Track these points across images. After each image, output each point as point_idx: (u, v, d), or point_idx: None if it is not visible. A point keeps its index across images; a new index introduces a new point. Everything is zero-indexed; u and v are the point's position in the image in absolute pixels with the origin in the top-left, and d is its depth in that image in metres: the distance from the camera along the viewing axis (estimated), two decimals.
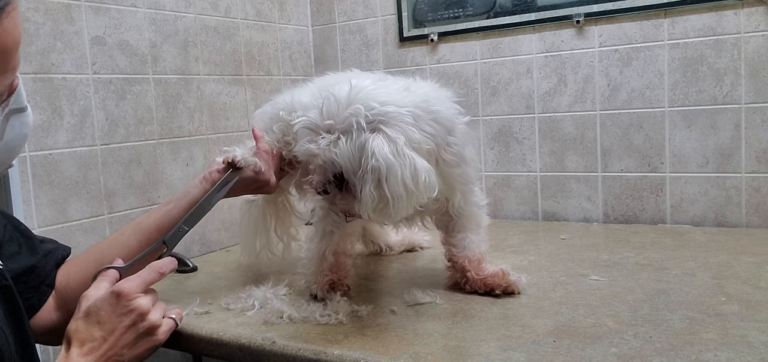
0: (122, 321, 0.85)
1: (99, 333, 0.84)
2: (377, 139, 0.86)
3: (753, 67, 1.41)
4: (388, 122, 0.88)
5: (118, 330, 0.84)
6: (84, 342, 0.83)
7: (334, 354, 0.85)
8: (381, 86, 0.93)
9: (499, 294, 1.04)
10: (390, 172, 0.84)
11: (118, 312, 0.85)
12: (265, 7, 1.81)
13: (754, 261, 1.16)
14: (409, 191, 0.86)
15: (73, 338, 0.83)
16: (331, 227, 1.07)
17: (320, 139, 0.89)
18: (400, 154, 0.86)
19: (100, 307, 0.85)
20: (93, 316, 0.85)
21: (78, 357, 0.82)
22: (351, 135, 0.87)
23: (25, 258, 0.93)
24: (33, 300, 0.94)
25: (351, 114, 0.88)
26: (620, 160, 1.57)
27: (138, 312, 0.86)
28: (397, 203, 0.86)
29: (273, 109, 1.20)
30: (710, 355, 0.77)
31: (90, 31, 1.35)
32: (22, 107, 0.78)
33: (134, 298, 0.86)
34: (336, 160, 0.88)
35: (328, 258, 1.08)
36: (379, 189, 0.85)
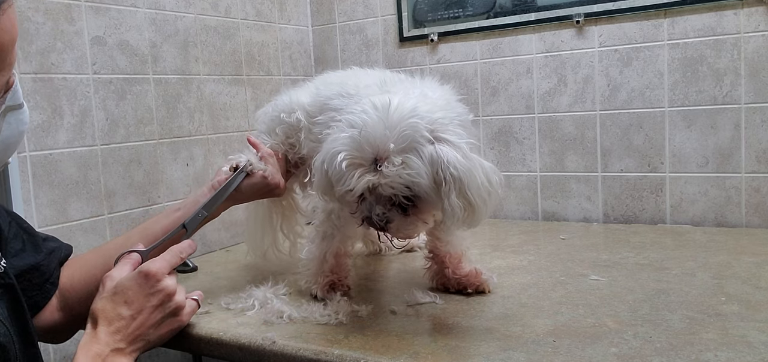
0: (150, 301, 0.86)
1: (127, 312, 0.85)
2: (445, 148, 0.83)
3: (753, 67, 1.41)
4: (445, 130, 0.85)
5: (146, 309, 0.86)
6: (112, 320, 0.84)
7: (334, 354, 0.85)
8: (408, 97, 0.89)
9: (470, 292, 1.05)
10: (470, 178, 0.83)
11: (146, 292, 0.86)
12: (265, 7, 1.81)
13: (754, 261, 1.16)
14: (489, 193, 0.85)
15: (99, 317, 0.84)
16: (333, 230, 1.07)
17: (385, 166, 0.83)
18: (470, 159, 0.84)
19: (128, 287, 0.86)
20: (120, 295, 0.86)
21: (106, 335, 0.83)
22: (418, 151, 0.83)
23: (29, 256, 0.93)
24: (37, 298, 0.94)
25: (409, 129, 0.83)
26: (620, 160, 1.57)
27: (165, 292, 0.88)
28: (483, 207, 0.84)
29: (274, 111, 1.20)
30: (710, 355, 0.77)
31: (90, 31, 1.35)
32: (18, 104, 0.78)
33: (161, 279, 0.88)
34: (412, 181, 0.83)
35: (329, 260, 1.08)
36: (463, 197, 0.83)
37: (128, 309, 0.85)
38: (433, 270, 1.10)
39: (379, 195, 0.86)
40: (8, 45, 0.69)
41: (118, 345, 0.83)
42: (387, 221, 0.88)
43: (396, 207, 0.87)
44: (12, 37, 0.70)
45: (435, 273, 1.10)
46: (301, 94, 1.17)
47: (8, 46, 0.69)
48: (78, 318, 1.00)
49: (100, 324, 0.84)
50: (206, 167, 1.61)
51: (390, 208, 0.87)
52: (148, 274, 0.87)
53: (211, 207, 1.04)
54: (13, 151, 0.82)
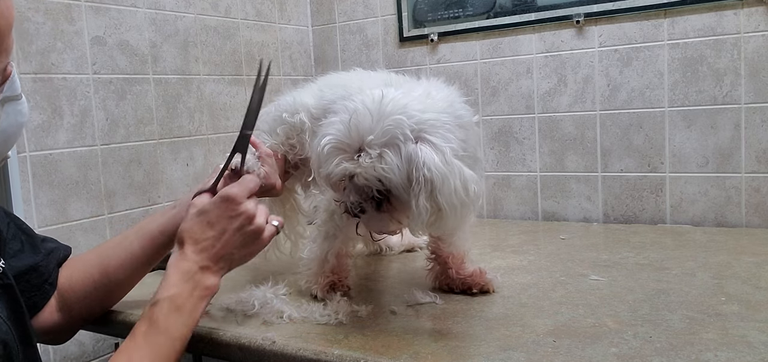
0: (232, 223, 0.90)
1: (211, 233, 0.89)
2: (425, 149, 0.82)
3: (753, 67, 1.41)
4: (431, 131, 0.84)
5: (229, 231, 0.89)
6: (198, 241, 0.88)
7: (334, 354, 0.85)
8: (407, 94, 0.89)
9: (475, 292, 1.05)
10: (443, 182, 0.81)
11: (228, 215, 0.90)
12: (265, 7, 1.81)
13: (754, 261, 1.15)
14: (462, 201, 0.83)
15: (186, 237, 0.89)
16: (334, 230, 1.07)
17: (362, 157, 0.84)
18: (449, 163, 0.83)
19: (210, 210, 0.90)
20: (204, 218, 0.90)
21: (193, 254, 0.88)
22: (396, 147, 0.83)
23: (27, 256, 0.93)
24: (35, 299, 0.94)
25: (392, 125, 0.83)
26: (620, 160, 1.57)
27: (246, 215, 0.90)
28: (451, 214, 0.83)
29: (276, 111, 1.20)
30: (710, 355, 0.77)
31: (90, 31, 1.35)
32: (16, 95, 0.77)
33: (242, 202, 0.90)
34: (384, 176, 0.83)
35: (330, 261, 1.08)
36: (432, 201, 0.82)
37: (212, 230, 0.89)
38: (436, 271, 1.10)
39: (355, 185, 0.87)
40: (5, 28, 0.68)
41: (205, 263, 0.88)
42: (360, 210, 0.89)
43: (371, 199, 0.88)
44: (8, 21, 0.69)
45: (438, 274, 1.10)
46: (304, 96, 1.17)
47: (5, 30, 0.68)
48: (77, 318, 1.00)
49: (187, 243, 0.88)
50: (206, 167, 1.61)
51: (365, 200, 0.88)
52: (229, 198, 0.90)
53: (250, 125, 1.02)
54: (13, 144, 0.82)
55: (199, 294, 0.87)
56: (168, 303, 0.84)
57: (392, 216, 0.89)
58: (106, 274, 0.99)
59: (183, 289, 0.85)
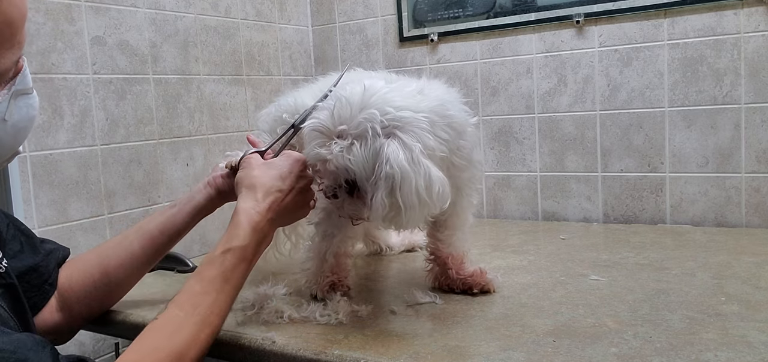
0: (299, 183, 0.93)
1: (283, 186, 0.92)
2: (392, 145, 0.84)
3: (753, 67, 1.41)
4: (404, 128, 0.85)
5: (296, 189, 0.93)
6: (270, 191, 0.91)
7: (334, 354, 0.85)
8: (395, 89, 0.90)
9: (476, 292, 1.05)
10: (404, 180, 0.82)
11: (298, 174, 0.93)
12: (265, 7, 1.81)
13: (754, 261, 1.16)
14: (423, 201, 0.84)
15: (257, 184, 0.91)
16: (333, 229, 1.07)
17: (333, 145, 0.87)
18: (415, 162, 0.83)
19: (282, 165, 0.94)
20: (276, 170, 0.93)
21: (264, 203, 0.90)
22: (365, 140, 0.85)
23: (27, 257, 0.93)
24: (36, 299, 0.94)
25: (365, 118, 0.85)
26: (620, 160, 1.57)
27: (308, 180, 0.95)
28: (408, 212, 0.84)
29: (277, 111, 1.20)
30: (710, 355, 0.77)
31: (90, 31, 1.35)
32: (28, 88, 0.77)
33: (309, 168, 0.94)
34: (349, 167, 0.85)
35: (329, 260, 1.08)
36: (392, 197, 0.83)
37: (283, 183, 0.92)
38: (435, 271, 1.10)
39: (328, 170, 0.90)
40: (18, 21, 0.68)
41: (272, 215, 0.91)
42: (333, 195, 0.92)
43: (345, 185, 0.90)
44: (21, 13, 0.69)
45: (437, 274, 1.10)
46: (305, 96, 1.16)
47: (19, 22, 0.69)
48: (77, 317, 1.00)
49: (259, 191, 0.90)
50: (206, 167, 1.61)
51: (337, 186, 0.91)
52: (301, 159, 0.94)
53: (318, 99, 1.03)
54: (24, 138, 0.82)
55: (262, 247, 0.90)
56: (239, 253, 0.86)
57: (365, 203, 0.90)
58: (106, 274, 0.99)
59: (252, 241, 0.87)
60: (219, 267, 0.84)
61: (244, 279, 0.88)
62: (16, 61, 0.72)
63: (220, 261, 0.85)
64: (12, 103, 0.75)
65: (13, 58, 0.70)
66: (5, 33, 0.67)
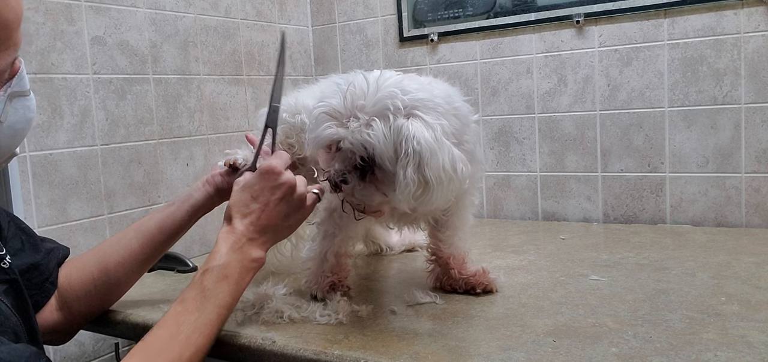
0: (274, 194, 0.92)
1: (256, 205, 0.91)
2: (416, 123, 0.84)
3: (753, 67, 1.41)
4: (424, 109, 0.86)
5: (272, 202, 0.92)
6: (244, 213, 0.91)
7: (334, 354, 0.85)
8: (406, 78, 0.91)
9: (479, 292, 1.05)
10: (432, 156, 0.83)
11: (270, 186, 0.92)
12: (265, 7, 1.81)
13: (754, 261, 1.16)
14: (449, 177, 0.84)
15: (233, 211, 0.91)
16: (334, 229, 1.07)
17: (350, 122, 0.86)
18: (439, 140, 0.84)
19: (254, 184, 0.93)
20: (248, 191, 0.92)
21: (241, 225, 0.90)
22: (386, 118, 0.85)
23: (28, 255, 0.93)
24: (37, 297, 0.94)
25: (385, 96, 0.85)
26: (620, 160, 1.57)
27: (287, 185, 0.92)
28: (437, 188, 0.84)
29: None
30: (710, 355, 0.77)
31: (90, 31, 1.35)
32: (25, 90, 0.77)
33: (282, 173, 0.93)
34: (369, 143, 0.85)
35: (330, 260, 1.08)
36: (420, 173, 0.83)
37: (256, 202, 0.91)
38: (437, 272, 1.10)
39: (343, 153, 0.89)
40: (14, 22, 0.68)
41: (252, 235, 0.90)
42: (343, 180, 0.91)
43: (355, 169, 0.89)
44: (17, 14, 0.69)
45: (439, 275, 1.10)
46: (306, 97, 1.16)
47: (14, 23, 0.69)
48: (77, 317, 1.00)
49: (234, 217, 0.91)
50: (206, 167, 1.61)
51: (349, 170, 0.90)
52: (270, 170, 0.92)
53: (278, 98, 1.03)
54: (21, 139, 0.82)
55: (247, 266, 0.89)
56: (217, 271, 0.86)
57: (377, 188, 0.89)
58: (105, 273, 0.99)
59: (232, 259, 0.88)
60: (198, 287, 0.85)
61: (230, 297, 0.87)
62: (12, 63, 0.72)
63: (199, 281, 0.85)
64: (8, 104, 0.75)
65: (9, 60, 0.70)
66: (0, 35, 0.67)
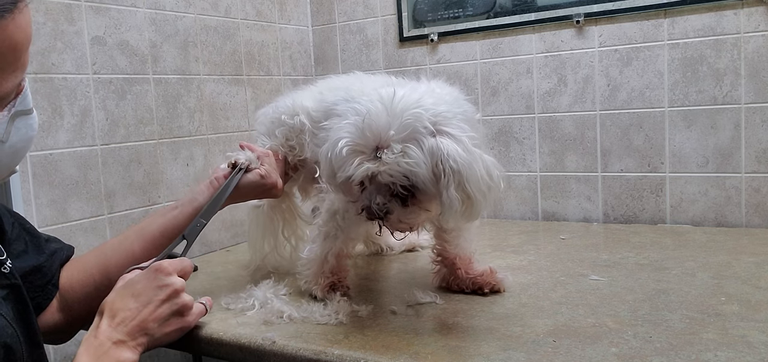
0: (157, 295, 0.87)
1: (133, 304, 0.85)
2: (446, 141, 0.83)
3: (753, 67, 1.41)
4: (448, 123, 0.85)
5: (153, 302, 0.86)
6: (116, 313, 0.84)
7: (334, 354, 0.85)
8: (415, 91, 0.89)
9: (486, 292, 1.05)
10: (470, 171, 0.83)
11: (155, 285, 0.87)
12: (265, 7, 1.81)
13: (754, 261, 1.16)
14: (488, 186, 0.85)
15: (105, 309, 0.85)
16: (335, 230, 1.07)
17: (384, 155, 0.83)
18: (471, 152, 0.84)
19: (138, 281, 0.88)
20: (129, 288, 0.87)
21: (108, 328, 0.83)
22: (418, 141, 0.83)
23: (31, 257, 0.93)
24: (39, 299, 0.94)
25: (412, 119, 0.83)
26: (620, 160, 1.57)
27: (173, 288, 0.88)
28: (480, 200, 0.84)
29: (275, 113, 1.20)
30: (710, 355, 0.77)
31: (90, 31, 1.35)
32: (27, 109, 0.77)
33: (171, 274, 0.89)
34: (411, 170, 0.83)
35: (330, 261, 1.08)
36: (462, 190, 0.83)
37: (135, 301, 0.86)
38: (443, 273, 1.10)
39: (379, 184, 0.86)
40: (23, 44, 0.68)
41: (120, 337, 0.83)
42: (387, 212, 0.88)
43: (395, 197, 0.87)
44: (27, 36, 0.69)
45: (445, 275, 1.10)
46: (304, 98, 1.17)
47: (23, 46, 0.68)
48: (78, 318, 1.00)
49: (104, 317, 0.84)
50: (206, 167, 1.61)
51: (390, 198, 0.87)
52: (159, 268, 0.88)
53: (209, 214, 1.03)
54: (22, 158, 0.82)
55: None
56: None
57: (420, 208, 0.89)
58: (106, 275, 0.99)
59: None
60: None
61: None
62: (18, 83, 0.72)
63: None
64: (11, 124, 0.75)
65: (16, 82, 0.70)
66: (9, 57, 0.67)
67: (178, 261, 0.92)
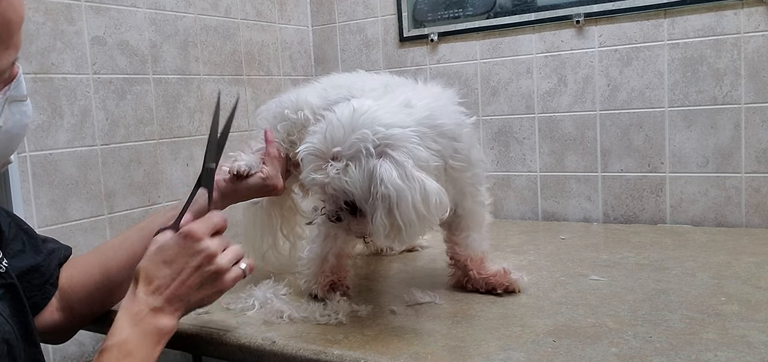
0: (189, 262, 0.85)
1: (167, 272, 0.84)
2: (385, 164, 0.84)
3: (753, 67, 1.41)
4: (395, 145, 0.86)
5: (186, 270, 0.85)
6: (151, 280, 0.84)
7: (334, 354, 0.85)
8: (383, 106, 0.90)
9: (500, 293, 1.04)
10: (400, 198, 0.83)
11: (186, 253, 0.85)
12: (265, 7, 1.81)
13: (754, 261, 1.16)
14: (421, 215, 0.84)
15: (140, 276, 0.84)
16: (335, 230, 1.07)
17: (329, 168, 0.87)
18: (409, 178, 0.84)
19: (169, 247, 0.86)
20: (161, 255, 0.85)
21: (145, 295, 0.83)
22: (359, 161, 0.85)
23: (29, 257, 0.93)
24: (37, 299, 0.94)
25: (358, 139, 0.85)
26: (620, 160, 1.57)
27: (205, 254, 0.85)
28: (409, 229, 0.84)
29: (278, 108, 1.20)
30: (710, 355, 0.77)
31: (90, 31, 1.35)
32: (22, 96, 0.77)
33: (202, 239, 0.86)
34: (347, 189, 0.86)
35: (330, 261, 1.08)
36: (390, 216, 0.84)
37: (168, 268, 0.84)
38: (457, 275, 1.10)
39: (328, 196, 0.90)
40: (16, 22, 0.68)
41: (157, 304, 0.83)
42: (338, 218, 0.92)
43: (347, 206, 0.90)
44: (19, 14, 0.69)
45: (460, 277, 1.10)
46: (309, 94, 1.16)
47: (16, 24, 0.68)
48: (78, 318, 1.00)
49: (140, 283, 0.84)
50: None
51: (339, 208, 0.90)
52: (189, 234, 0.85)
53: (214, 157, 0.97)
54: (17, 145, 0.82)
55: (152, 339, 0.82)
56: (117, 350, 0.78)
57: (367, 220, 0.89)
58: (107, 274, 0.99)
59: (132, 334, 0.80)
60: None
61: None
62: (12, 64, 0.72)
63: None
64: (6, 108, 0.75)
65: (9, 60, 0.71)
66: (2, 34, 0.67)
67: (207, 221, 0.88)
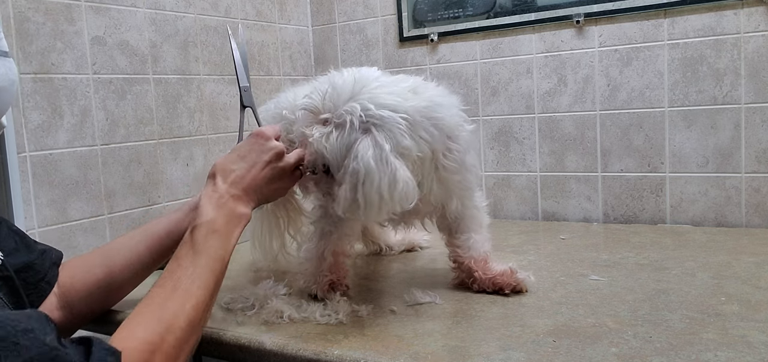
0: (262, 157, 0.95)
1: (243, 165, 0.95)
2: (365, 141, 0.86)
3: (753, 67, 1.41)
4: (380, 126, 0.88)
5: (259, 164, 0.95)
6: (228, 173, 0.94)
7: (334, 354, 0.85)
8: (386, 84, 0.92)
9: (507, 293, 1.04)
10: (368, 177, 0.85)
11: (259, 149, 0.96)
12: (265, 7, 1.81)
13: (754, 261, 1.16)
14: (383, 200, 0.86)
15: (217, 170, 0.94)
16: (331, 227, 1.07)
17: (315, 129, 0.91)
18: (383, 161, 0.85)
19: (243, 145, 0.97)
20: (236, 152, 0.97)
21: (223, 184, 0.92)
22: (343, 131, 0.88)
23: (22, 254, 0.93)
24: (32, 297, 0.94)
25: (347, 111, 0.88)
26: (620, 160, 1.57)
27: (275, 151, 0.96)
28: (368, 209, 0.86)
29: (276, 108, 1.20)
30: (710, 355, 0.77)
31: (90, 31, 1.35)
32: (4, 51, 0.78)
33: (272, 139, 0.97)
34: (325, 155, 0.90)
35: (328, 259, 1.08)
36: (354, 191, 0.86)
37: (243, 161, 0.95)
38: (461, 278, 1.10)
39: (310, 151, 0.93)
40: None
41: (236, 192, 0.92)
42: (313, 171, 0.96)
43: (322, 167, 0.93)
44: None
45: (463, 279, 1.09)
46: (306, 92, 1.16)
47: None
48: (78, 317, 1.00)
49: (218, 177, 0.93)
50: (206, 167, 1.61)
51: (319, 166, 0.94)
52: (260, 134, 0.97)
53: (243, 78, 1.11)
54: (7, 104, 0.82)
55: (233, 220, 0.91)
56: (206, 227, 0.87)
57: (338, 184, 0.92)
58: (110, 274, 0.99)
59: (218, 215, 0.89)
60: (189, 244, 0.86)
61: (222, 250, 0.88)
62: None
63: (189, 238, 0.87)
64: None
65: None
66: None
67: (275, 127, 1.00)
